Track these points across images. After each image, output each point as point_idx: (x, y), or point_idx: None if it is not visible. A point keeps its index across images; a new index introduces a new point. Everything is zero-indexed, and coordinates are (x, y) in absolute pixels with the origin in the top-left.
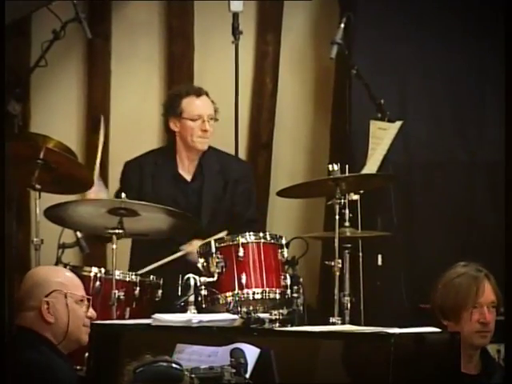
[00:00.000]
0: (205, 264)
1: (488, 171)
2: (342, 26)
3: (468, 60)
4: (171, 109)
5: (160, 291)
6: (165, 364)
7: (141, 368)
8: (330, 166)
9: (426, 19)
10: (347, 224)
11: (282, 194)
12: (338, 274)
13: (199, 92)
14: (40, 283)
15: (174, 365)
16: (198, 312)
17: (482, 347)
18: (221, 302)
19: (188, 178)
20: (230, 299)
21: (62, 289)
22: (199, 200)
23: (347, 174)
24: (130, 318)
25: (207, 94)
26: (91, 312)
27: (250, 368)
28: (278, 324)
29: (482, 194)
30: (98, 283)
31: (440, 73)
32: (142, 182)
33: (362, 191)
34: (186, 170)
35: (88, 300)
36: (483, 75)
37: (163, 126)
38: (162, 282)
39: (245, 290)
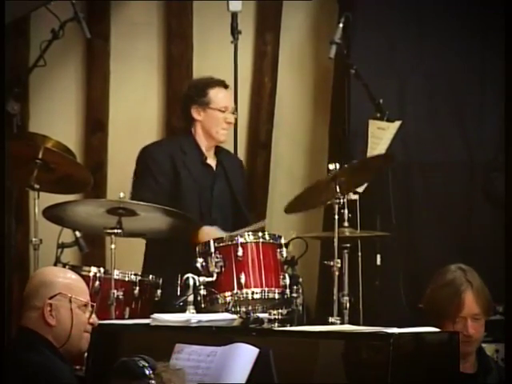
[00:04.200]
0: (204, 264)
1: (487, 171)
2: (341, 25)
3: (467, 60)
4: (197, 97)
5: (159, 291)
6: (134, 359)
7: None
8: (330, 166)
9: (425, 18)
10: (346, 224)
11: (289, 210)
12: (337, 273)
13: (226, 84)
14: (46, 283)
15: (141, 362)
16: (197, 312)
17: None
18: (220, 301)
19: (213, 166)
20: (229, 299)
21: (67, 292)
22: (229, 186)
23: (346, 165)
24: (129, 318)
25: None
26: (94, 318)
27: (248, 368)
28: (277, 324)
29: (481, 194)
30: (97, 283)
31: (439, 72)
32: (176, 169)
33: (360, 187)
34: (209, 158)
35: (92, 306)
36: (483, 75)
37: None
38: (161, 281)
39: (244, 290)
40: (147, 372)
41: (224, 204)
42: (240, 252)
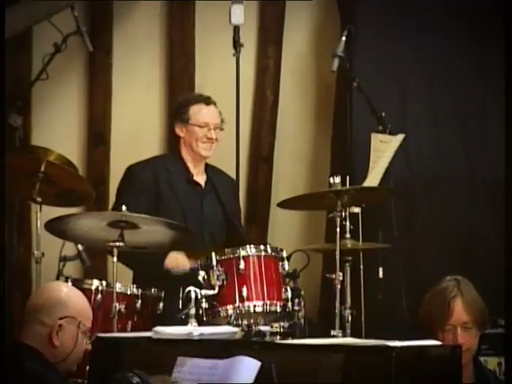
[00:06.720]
0: (205, 277)
1: (488, 185)
2: (344, 38)
3: (471, 74)
4: (178, 115)
5: (161, 304)
6: (128, 375)
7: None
8: (331, 179)
9: (428, 32)
10: (348, 236)
11: (283, 205)
12: (339, 286)
13: (208, 101)
14: (60, 302)
15: (135, 378)
16: (199, 325)
17: (474, 357)
18: (222, 314)
19: (202, 183)
20: (230, 312)
21: (77, 317)
22: (220, 203)
23: (348, 187)
24: (131, 331)
25: (215, 104)
26: (89, 346)
27: (250, 381)
28: (278, 337)
29: (483, 207)
30: (99, 296)
31: (442, 86)
32: (159, 187)
33: (363, 205)
34: (197, 176)
35: (90, 333)
36: (486, 89)
37: (169, 131)
38: (163, 294)
39: (246, 303)
40: None
41: (216, 221)
42: (242, 265)
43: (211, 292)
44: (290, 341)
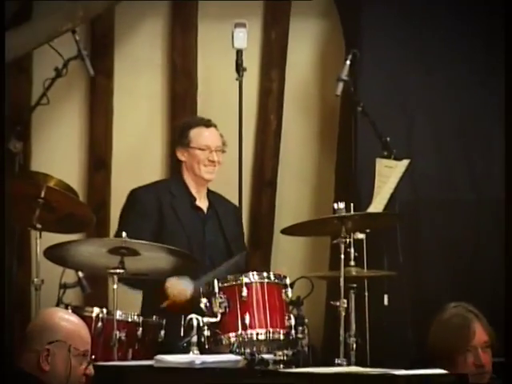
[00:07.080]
0: (208, 304)
1: (494, 209)
2: (348, 62)
3: (475, 98)
4: (179, 139)
5: (163, 332)
6: None
7: None
8: (336, 205)
9: (433, 56)
10: (353, 263)
11: (287, 232)
12: (343, 314)
13: (208, 123)
14: (48, 328)
15: None
16: (201, 353)
17: None
18: (224, 342)
19: (204, 208)
20: (233, 340)
21: (67, 340)
22: (221, 230)
23: (353, 213)
24: (132, 359)
25: (216, 127)
26: (90, 369)
27: None
28: (282, 365)
29: (489, 232)
30: (99, 324)
31: (447, 110)
32: (162, 211)
33: (367, 230)
34: (199, 201)
35: (90, 357)
36: (490, 113)
37: (170, 156)
38: (164, 322)
39: (248, 331)
40: None
41: (217, 247)
42: (244, 292)
43: (213, 319)
44: (293, 369)
